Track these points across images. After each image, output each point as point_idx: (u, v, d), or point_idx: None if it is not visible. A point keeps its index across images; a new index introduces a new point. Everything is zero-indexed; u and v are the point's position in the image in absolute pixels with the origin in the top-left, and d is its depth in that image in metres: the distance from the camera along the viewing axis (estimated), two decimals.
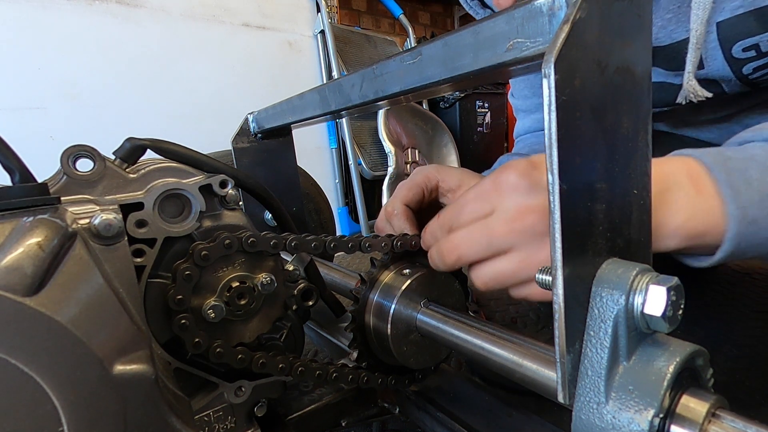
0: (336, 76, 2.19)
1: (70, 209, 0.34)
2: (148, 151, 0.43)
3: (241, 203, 0.47)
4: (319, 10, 2.27)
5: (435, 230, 0.45)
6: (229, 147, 0.75)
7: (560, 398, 0.28)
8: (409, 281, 0.47)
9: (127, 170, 0.41)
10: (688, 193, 0.35)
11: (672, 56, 0.61)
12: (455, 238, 0.41)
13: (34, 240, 0.26)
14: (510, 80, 1.02)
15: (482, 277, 0.41)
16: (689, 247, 0.37)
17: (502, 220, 0.37)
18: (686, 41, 0.57)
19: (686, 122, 0.77)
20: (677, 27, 0.58)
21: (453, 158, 2.49)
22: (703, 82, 0.62)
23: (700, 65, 0.59)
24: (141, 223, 0.39)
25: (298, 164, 0.82)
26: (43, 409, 0.24)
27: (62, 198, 0.36)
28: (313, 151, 2.31)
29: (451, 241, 0.41)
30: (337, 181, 2.37)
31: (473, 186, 0.41)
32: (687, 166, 0.36)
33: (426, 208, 0.56)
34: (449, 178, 0.53)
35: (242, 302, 0.43)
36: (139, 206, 0.39)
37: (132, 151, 0.42)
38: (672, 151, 0.42)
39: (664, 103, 0.71)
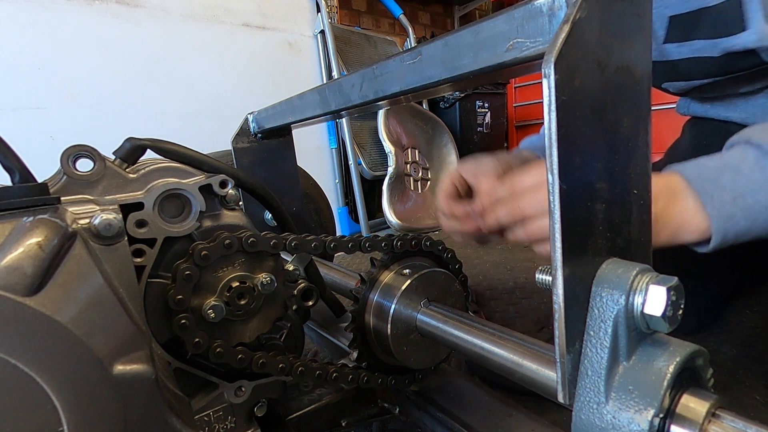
0: (336, 76, 2.19)
1: (70, 209, 0.34)
2: (148, 151, 0.43)
3: (241, 203, 0.47)
4: (319, 10, 2.26)
5: (498, 190, 0.50)
6: (229, 147, 0.75)
7: (560, 398, 0.28)
8: (409, 281, 0.47)
9: (127, 170, 0.40)
10: (687, 203, 0.44)
11: (718, 17, 0.62)
12: (522, 201, 0.47)
13: (34, 240, 0.26)
14: None
15: (530, 228, 0.46)
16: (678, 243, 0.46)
17: None
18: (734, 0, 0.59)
19: (723, 96, 0.78)
20: None
21: (453, 158, 2.49)
22: (740, 55, 0.65)
23: (741, 29, 0.62)
24: (141, 223, 0.39)
25: (298, 164, 0.82)
26: (43, 409, 0.24)
27: (62, 198, 0.36)
28: (313, 151, 2.31)
29: (517, 203, 0.47)
30: (337, 181, 2.37)
31: (532, 165, 0.48)
32: (682, 180, 0.45)
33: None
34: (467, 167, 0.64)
35: (242, 302, 0.43)
36: (139, 206, 0.39)
37: (132, 151, 0.42)
38: (709, 135, 0.54)
39: (702, 75, 0.74)
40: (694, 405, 0.25)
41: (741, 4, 0.60)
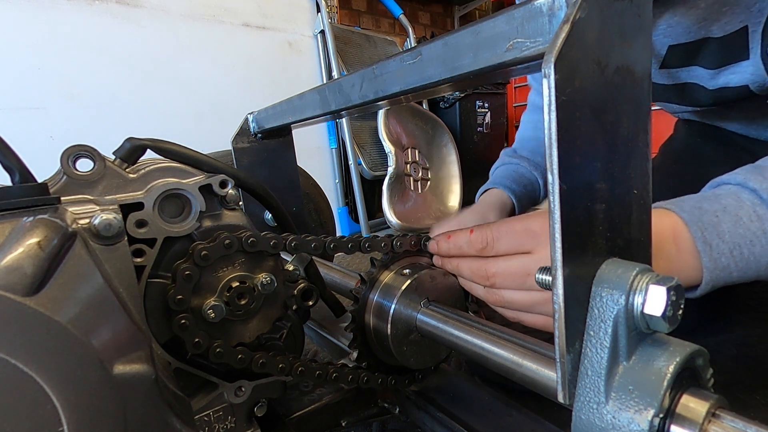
0: (336, 76, 2.19)
1: (70, 209, 0.34)
2: (148, 151, 0.43)
3: (241, 203, 0.47)
4: (319, 10, 2.26)
5: (462, 244, 0.46)
6: (229, 147, 0.75)
7: (560, 398, 0.28)
8: (409, 281, 0.47)
9: (127, 170, 0.40)
10: (670, 253, 0.40)
11: (722, 47, 0.61)
12: (493, 266, 0.44)
13: (34, 240, 0.26)
14: None
15: (505, 298, 0.44)
16: None
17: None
18: (742, 30, 0.57)
19: (720, 116, 0.78)
20: (732, 18, 0.58)
21: (453, 158, 2.49)
22: (732, 88, 0.63)
23: (742, 57, 0.60)
24: (141, 223, 0.39)
25: (298, 164, 0.82)
26: (43, 409, 0.24)
27: (62, 198, 0.36)
28: (313, 151, 2.31)
29: (487, 270, 0.44)
30: (337, 181, 2.37)
31: (517, 218, 0.44)
32: (672, 224, 0.41)
33: None
34: None
35: (242, 302, 0.43)
36: (139, 206, 0.39)
37: (132, 151, 0.42)
38: (702, 134, 0.52)
39: (693, 103, 0.72)
40: (694, 405, 0.25)
41: (748, 34, 0.57)
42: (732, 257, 0.40)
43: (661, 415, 0.24)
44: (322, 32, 2.25)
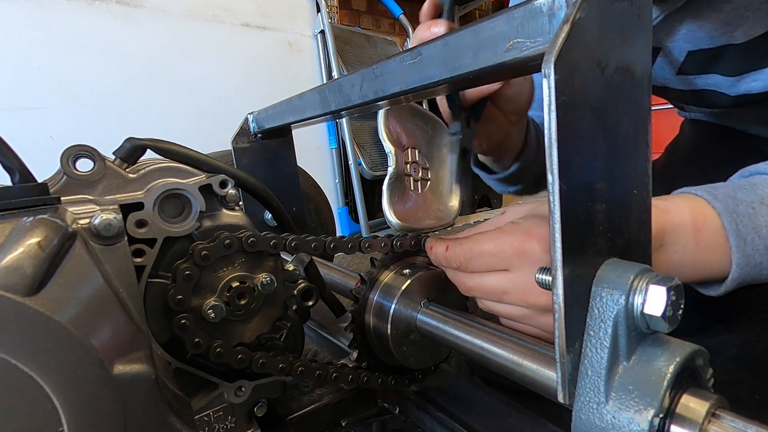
0: (336, 76, 2.19)
1: (70, 209, 0.34)
2: (148, 151, 0.43)
3: (241, 203, 0.47)
4: (319, 10, 2.27)
5: (441, 260, 0.46)
6: (229, 147, 0.75)
7: (560, 398, 0.28)
8: (409, 281, 0.47)
9: (127, 170, 0.40)
10: (687, 245, 0.36)
11: (743, 54, 0.59)
12: (470, 281, 0.42)
13: (34, 240, 0.26)
14: None
15: (487, 307, 0.43)
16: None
17: (519, 290, 0.38)
18: (765, 36, 0.56)
19: (737, 118, 0.77)
20: (755, 23, 0.56)
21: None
22: (754, 94, 0.61)
23: (765, 65, 0.58)
24: (141, 223, 0.39)
25: (298, 164, 0.82)
26: (43, 409, 0.24)
27: (62, 198, 0.36)
28: (313, 151, 2.31)
29: (465, 283, 0.43)
30: (337, 181, 2.37)
31: (491, 236, 0.40)
32: (694, 211, 0.37)
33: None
34: None
35: (242, 302, 0.43)
36: (139, 206, 0.39)
37: (132, 151, 0.42)
38: (708, 133, 0.49)
39: (714, 107, 0.71)
40: (694, 405, 0.25)
41: None
42: (767, 254, 0.36)
43: (661, 415, 0.24)
44: (322, 32, 2.26)
